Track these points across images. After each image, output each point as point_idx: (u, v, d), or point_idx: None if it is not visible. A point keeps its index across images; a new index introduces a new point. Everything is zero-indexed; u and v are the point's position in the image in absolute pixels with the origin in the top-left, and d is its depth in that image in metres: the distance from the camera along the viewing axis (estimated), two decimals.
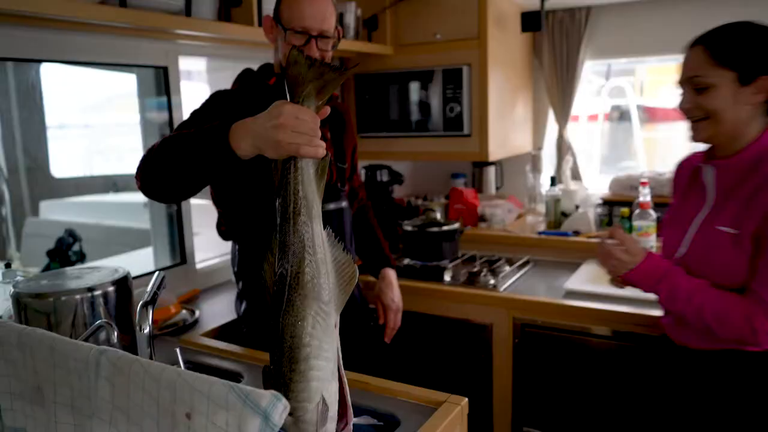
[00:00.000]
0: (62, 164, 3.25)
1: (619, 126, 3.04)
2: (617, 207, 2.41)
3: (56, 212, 3.39)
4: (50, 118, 2.86)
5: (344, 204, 1.66)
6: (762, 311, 1.18)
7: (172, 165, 1.13)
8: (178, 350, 1.21)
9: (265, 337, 0.95)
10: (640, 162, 3.13)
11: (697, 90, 1.22)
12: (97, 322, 1.22)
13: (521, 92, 2.77)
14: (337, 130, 1.66)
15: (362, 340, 1.72)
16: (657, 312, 1.68)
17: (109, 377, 0.93)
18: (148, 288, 1.19)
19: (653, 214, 2.06)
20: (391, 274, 1.78)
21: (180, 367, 1.20)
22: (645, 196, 2.06)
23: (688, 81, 1.23)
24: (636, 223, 2.06)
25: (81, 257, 2.74)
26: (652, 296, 1.37)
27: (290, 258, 0.91)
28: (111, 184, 3.66)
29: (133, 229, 3.09)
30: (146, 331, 1.07)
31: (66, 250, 2.77)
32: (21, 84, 2.58)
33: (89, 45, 1.74)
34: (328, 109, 1.01)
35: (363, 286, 1.91)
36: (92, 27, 1.62)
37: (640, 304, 1.84)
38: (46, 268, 2.47)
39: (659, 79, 3.27)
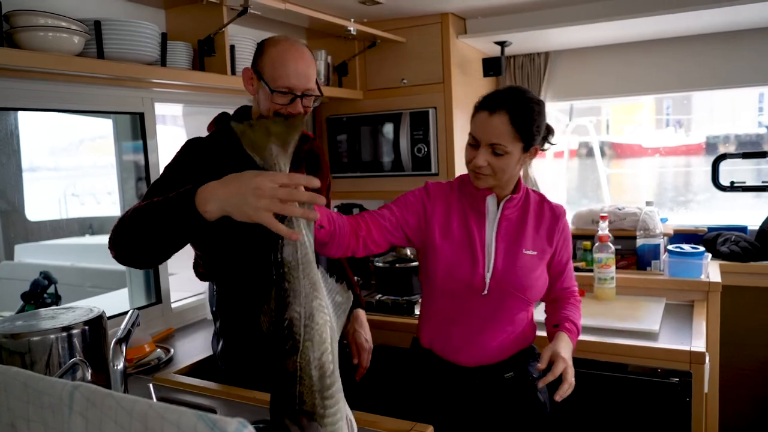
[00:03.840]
0: (37, 207, 3.25)
1: (587, 162, 3.17)
2: (580, 240, 2.51)
3: (31, 255, 3.35)
4: (25, 161, 2.89)
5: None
6: None
7: (143, 234, 1.15)
8: (151, 386, 1.25)
9: (268, 379, 0.98)
10: (605, 197, 3.26)
11: (494, 153, 1.37)
12: (71, 360, 1.26)
13: None
14: (313, 169, 1.74)
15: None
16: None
17: (83, 411, 0.97)
18: (122, 325, 1.24)
19: (612, 246, 2.17)
20: (362, 314, 1.83)
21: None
22: (603, 229, 2.17)
23: (488, 144, 1.36)
24: (596, 256, 2.17)
25: (56, 299, 2.72)
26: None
27: (302, 301, 0.95)
28: (87, 226, 3.66)
29: (108, 270, 3.09)
30: (119, 367, 1.12)
31: (41, 293, 2.76)
32: None
33: (67, 94, 1.82)
34: (317, 182, 0.99)
35: None
36: (71, 77, 1.70)
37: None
38: (21, 311, 2.45)
39: (623, 117, 3.43)
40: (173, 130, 3.35)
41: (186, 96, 2.23)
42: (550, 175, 3.17)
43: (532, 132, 1.38)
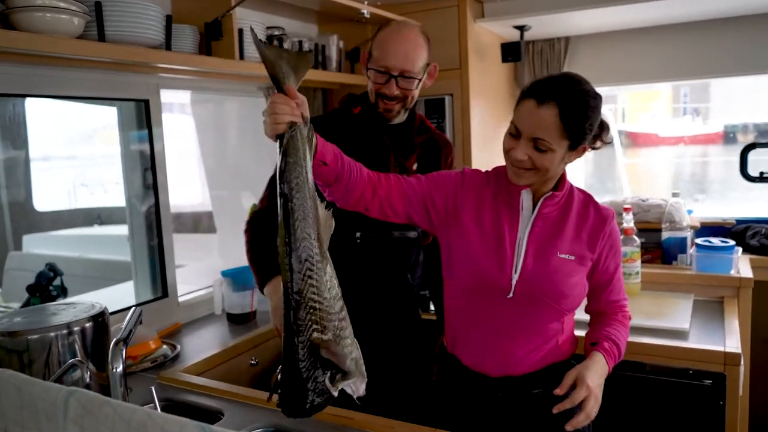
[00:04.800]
0: (46, 197, 3.23)
1: (602, 152, 3.06)
2: None
3: (39, 246, 3.34)
4: (35, 151, 2.85)
5: (412, 234, 1.65)
6: None
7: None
8: (153, 389, 1.18)
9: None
10: (624, 188, 3.15)
11: (536, 147, 1.23)
12: (70, 361, 1.19)
13: (504, 121, 2.78)
14: (427, 161, 1.66)
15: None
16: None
17: (77, 419, 0.90)
18: (123, 324, 1.17)
19: (637, 240, 2.07)
20: None
21: (156, 406, 1.17)
22: (628, 222, 2.07)
23: (531, 138, 1.23)
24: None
25: (62, 292, 2.68)
26: None
27: (310, 221, 1.00)
28: (95, 216, 3.62)
29: (116, 262, 3.05)
30: (119, 369, 1.05)
31: (47, 285, 2.72)
32: (4, 117, 2.58)
33: (68, 79, 1.75)
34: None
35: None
36: (71, 62, 1.63)
37: None
38: (26, 304, 2.41)
39: (640, 105, 3.32)
40: (181, 118, 3.28)
41: (193, 82, 2.15)
42: (568, 167, 3.05)
43: (584, 130, 1.23)
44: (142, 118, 2.04)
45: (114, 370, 1.05)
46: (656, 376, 1.71)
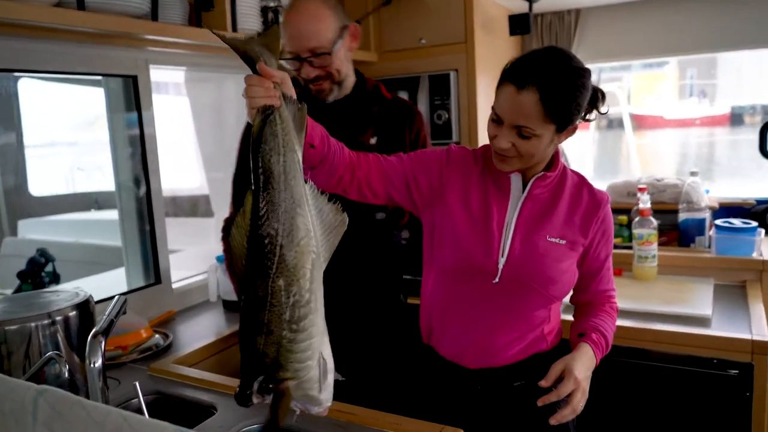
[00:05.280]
0: (42, 182, 3.18)
1: (607, 134, 2.95)
2: (615, 215, 2.30)
3: (35, 231, 3.29)
4: (32, 136, 2.78)
5: (379, 215, 1.55)
6: None
7: None
8: (137, 384, 1.09)
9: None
10: (634, 169, 3.04)
11: (519, 135, 1.13)
12: (47, 355, 1.10)
13: None
14: (388, 132, 1.54)
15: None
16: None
17: (48, 422, 0.81)
18: (105, 314, 1.07)
19: (654, 221, 1.96)
20: None
21: (140, 403, 1.07)
22: (645, 202, 1.97)
23: (513, 125, 1.13)
24: (636, 231, 1.97)
25: (55, 278, 2.62)
26: None
27: (281, 216, 0.86)
28: (92, 201, 3.55)
29: (112, 247, 2.98)
30: (97, 364, 0.95)
31: (38, 271, 2.65)
32: None
33: (52, 53, 1.64)
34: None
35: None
36: (52, 33, 1.51)
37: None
38: (18, 291, 2.33)
39: (646, 86, 3.20)
40: (176, 100, 3.17)
41: (184, 58, 2.03)
42: (575, 147, 2.94)
43: (570, 112, 1.13)
44: (132, 99, 1.92)
45: (92, 364, 0.95)
46: (678, 366, 1.61)
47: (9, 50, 1.54)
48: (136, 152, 1.99)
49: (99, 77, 1.92)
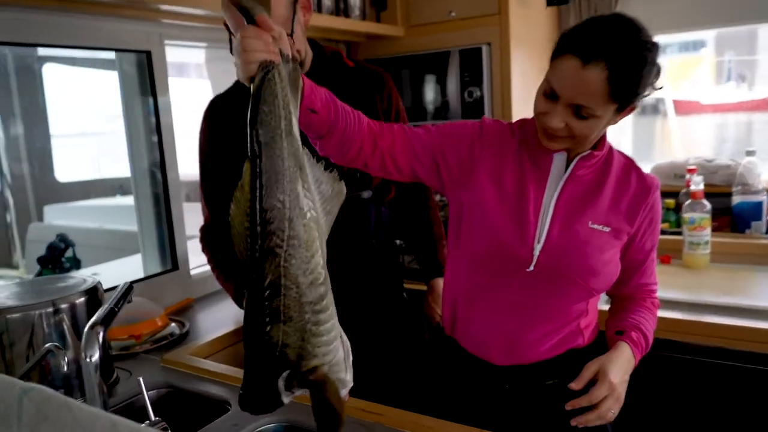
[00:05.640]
0: (69, 168, 3.20)
1: (640, 120, 2.81)
2: (662, 199, 2.14)
3: (60, 217, 3.33)
4: (66, 127, 2.85)
5: (366, 194, 1.44)
6: None
7: None
8: (140, 380, 0.99)
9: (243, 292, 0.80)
10: (676, 151, 2.86)
11: (576, 114, 0.99)
12: (46, 346, 1.01)
13: None
14: (355, 104, 1.42)
15: (413, 357, 1.53)
16: None
17: (32, 424, 0.72)
18: (107, 303, 0.97)
19: (707, 204, 1.80)
20: (440, 284, 1.52)
21: (145, 400, 0.98)
22: (697, 184, 1.80)
23: (571, 103, 0.98)
24: (687, 216, 1.80)
25: (75, 264, 2.59)
26: None
27: (285, 186, 0.76)
28: (117, 187, 3.55)
29: (135, 233, 2.99)
30: (94, 358, 0.86)
31: (59, 257, 2.62)
32: (24, 88, 2.51)
33: (59, 27, 1.55)
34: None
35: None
36: (58, 2, 1.42)
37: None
38: (39, 276, 2.31)
39: (681, 70, 3.02)
40: (198, 84, 3.10)
41: (203, 33, 1.92)
42: (612, 130, 2.77)
43: (635, 92, 0.99)
44: (147, 84, 1.83)
45: (88, 358, 0.86)
46: (732, 363, 1.46)
47: (13, 22, 1.45)
48: (152, 139, 1.91)
49: (113, 57, 1.84)
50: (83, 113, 2.96)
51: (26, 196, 2.88)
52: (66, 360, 1.00)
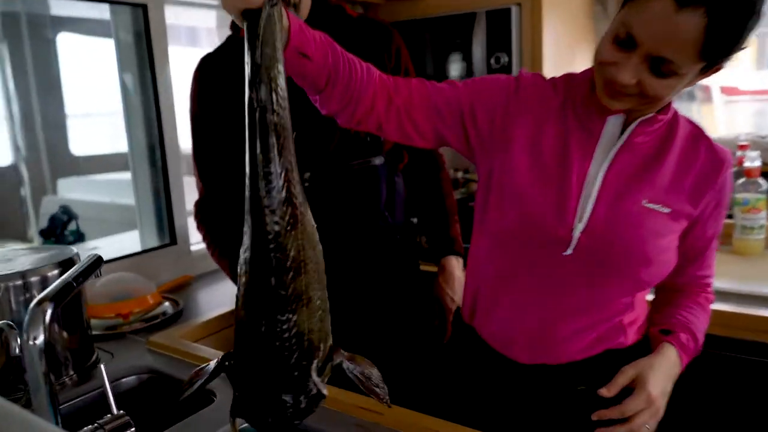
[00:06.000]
0: (83, 141, 3.18)
1: (677, 105, 2.63)
2: None
3: (74, 190, 3.29)
4: (87, 100, 2.81)
5: (377, 161, 1.30)
6: None
7: None
8: (102, 367, 0.86)
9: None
10: (720, 127, 2.65)
11: (653, 69, 0.80)
12: None
13: (581, 46, 2.30)
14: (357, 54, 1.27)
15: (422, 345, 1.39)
16: None
17: None
18: (64, 276, 0.83)
19: (763, 183, 1.59)
20: (452, 263, 1.39)
21: (107, 392, 0.84)
22: (753, 160, 1.60)
23: (651, 55, 0.79)
24: (740, 196, 1.61)
25: (79, 237, 2.51)
26: None
27: (291, 147, 0.67)
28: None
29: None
30: (38, 341, 0.72)
31: (62, 229, 2.54)
32: (39, 62, 2.48)
33: None
34: None
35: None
36: None
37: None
38: None
39: None
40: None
41: None
42: None
43: (732, 48, 0.81)
44: (145, 56, 1.69)
45: (31, 341, 0.72)
46: None
47: None
48: (150, 111, 1.78)
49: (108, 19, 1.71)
50: (99, 86, 2.91)
51: (41, 169, 2.85)
52: (18, 341, 0.87)
